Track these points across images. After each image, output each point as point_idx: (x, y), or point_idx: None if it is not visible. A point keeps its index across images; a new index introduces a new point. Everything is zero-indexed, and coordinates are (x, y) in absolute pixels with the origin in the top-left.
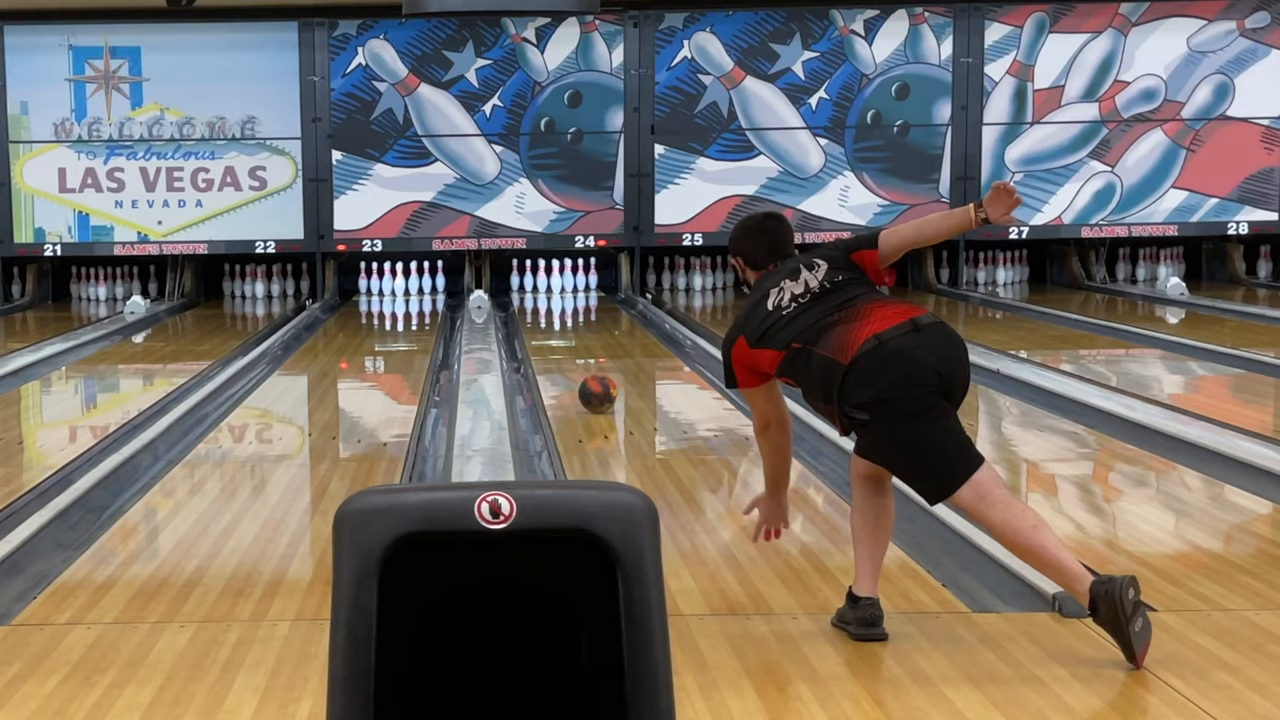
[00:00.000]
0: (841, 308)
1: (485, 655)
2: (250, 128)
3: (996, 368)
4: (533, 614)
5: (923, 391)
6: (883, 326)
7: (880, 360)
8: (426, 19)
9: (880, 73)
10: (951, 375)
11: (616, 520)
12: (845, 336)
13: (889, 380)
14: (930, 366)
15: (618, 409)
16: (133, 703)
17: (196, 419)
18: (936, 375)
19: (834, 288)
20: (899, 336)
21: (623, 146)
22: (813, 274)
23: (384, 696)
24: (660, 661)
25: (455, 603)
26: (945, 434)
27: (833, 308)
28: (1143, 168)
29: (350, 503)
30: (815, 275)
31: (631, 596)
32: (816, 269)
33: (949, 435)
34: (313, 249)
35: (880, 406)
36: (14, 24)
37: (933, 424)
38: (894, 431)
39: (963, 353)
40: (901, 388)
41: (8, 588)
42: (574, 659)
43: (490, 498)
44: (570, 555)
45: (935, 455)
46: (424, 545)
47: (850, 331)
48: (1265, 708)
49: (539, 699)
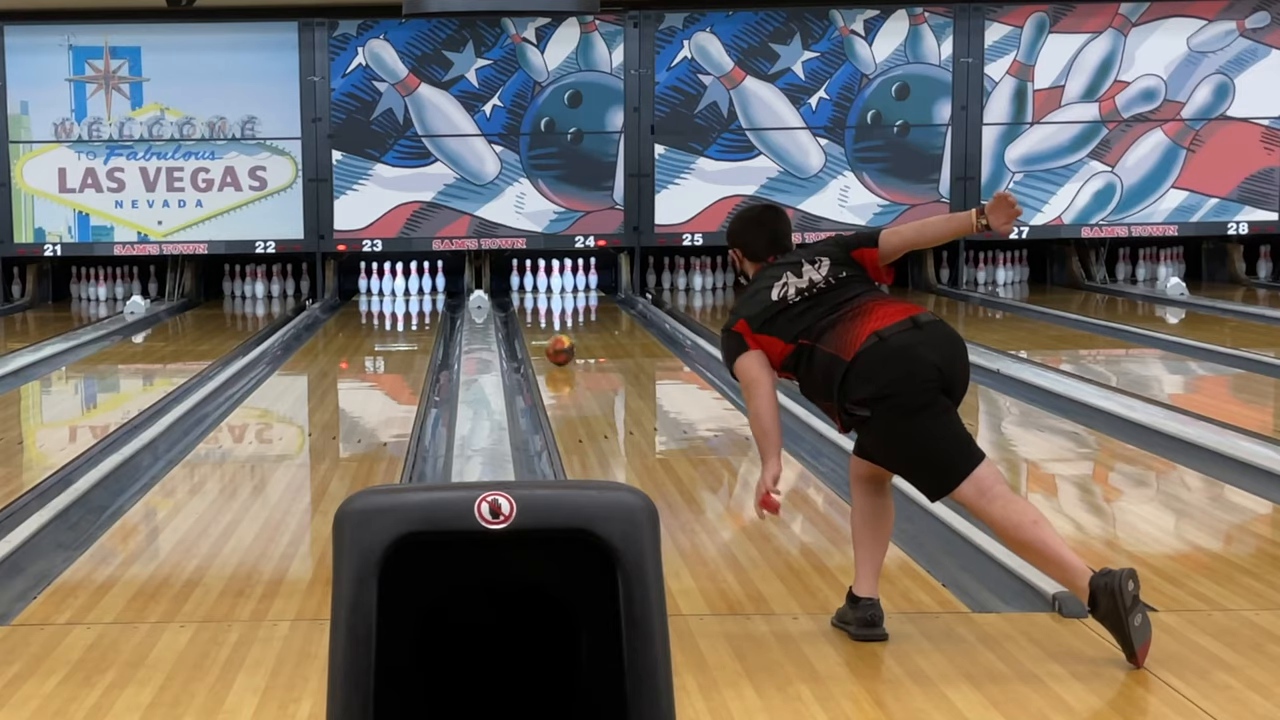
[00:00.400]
0: (844, 305)
1: (485, 655)
2: (250, 128)
3: (996, 368)
4: (533, 614)
5: (924, 388)
6: (884, 324)
7: (881, 357)
8: (426, 19)
9: (880, 73)
10: (952, 372)
11: (617, 520)
12: (847, 333)
13: (890, 376)
14: (931, 363)
15: (617, 409)
16: (133, 703)
17: (196, 419)
18: (937, 371)
19: (837, 284)
20: (900, 333)
21: (623, 146)
22: (815, 269)
23: (384, 696)
24: (660, 661)
25: (455, 602)
26: (946, 429)
27: (835, 305)
28: (1143, 168)
29: (350, 503)
30: (818, 270)
31: (632, 596)
32: (819, 264)
33: (950, 431)
34: (313, 249)
35: (881, 403)
36: (14, 24)
37: (934, 420)
38: (895, 427)
39: (962, 350)
40: (903, 384)
41: (8, 588)
42: (574, 659)
43: (490, 498)
44: (570, 555)
45: (937, 451)
46: (424, 545)
47: (852, 329)
48: (1265, 708)
49: (539, 698)
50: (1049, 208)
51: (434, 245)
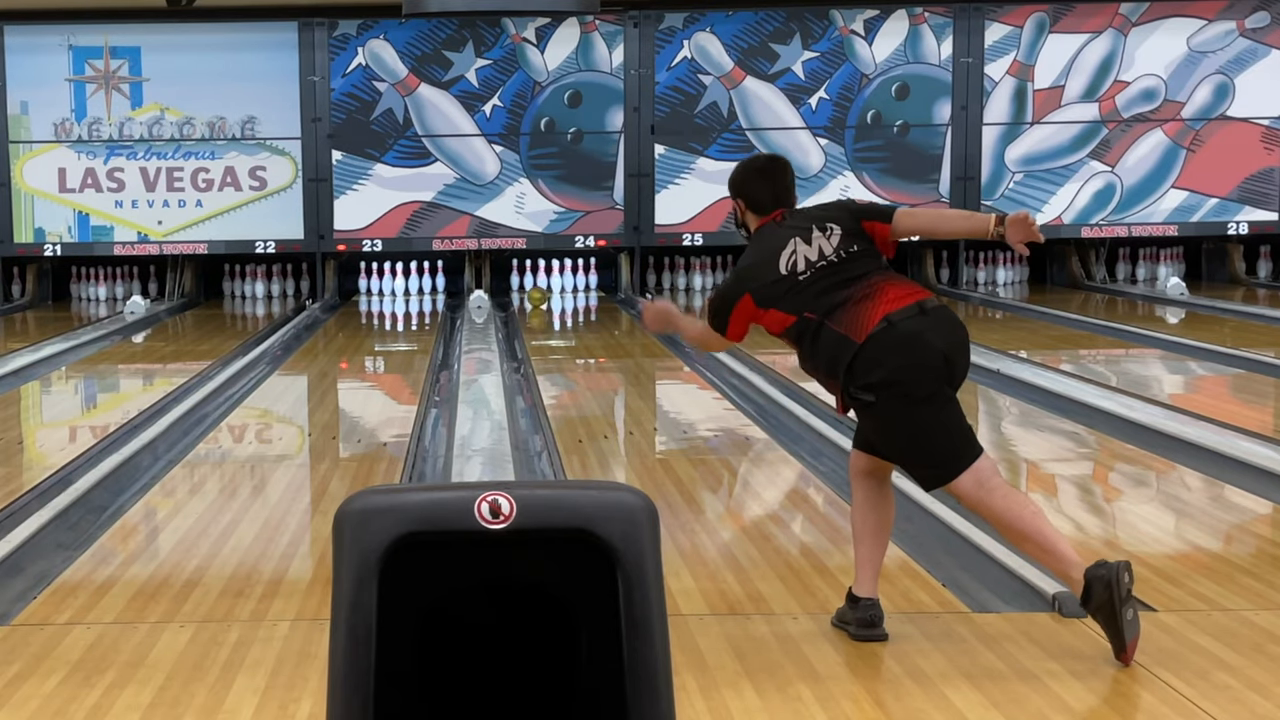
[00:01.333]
0: (854, 282)
1: (486, 654)
2: (250, 128)
3: (997, 368)
4: (533, 614)
5: (931, 376)
6: (894, 307)
7: (891, 342)
8: (426, 19)
9: (880, 72)
10: (955, 359)
11: (617, 520)
12: (860, 315)
13: (899, 363)
14: (939, 350)
15: (617, 409)
16: (133, 703)
17: (196, 419)
18: (944, 359)
19: (848, 258)
20: (908, 319)
21: (623, 146)
22: (826, 238)
23: (384, 696)
24: (660, 661)
25: (455, 602)
26: (950, 419)
27: (846, 280)
28: (1142, 168)
29: (350, 503)
30: (829, 240)
31: (632, 596)
32: (830, 233)
33: (953, 421)
34: (313, 249)
35: (888, 389)
36: (14, 24)
37: (939, 410)
38: (899, 415)
39: (965, 336)
40: (911, 372)
41: (8, 587)
42: (574, 658)
43: (490, 498)
44: (570, 555)
45: (939, 441)
46: (424, 545)
47: (864, 310)
48: (1265, 708)
49: (539, 698)
50: (1049, 208)
51: (434, 245)
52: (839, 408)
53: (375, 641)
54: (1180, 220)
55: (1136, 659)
